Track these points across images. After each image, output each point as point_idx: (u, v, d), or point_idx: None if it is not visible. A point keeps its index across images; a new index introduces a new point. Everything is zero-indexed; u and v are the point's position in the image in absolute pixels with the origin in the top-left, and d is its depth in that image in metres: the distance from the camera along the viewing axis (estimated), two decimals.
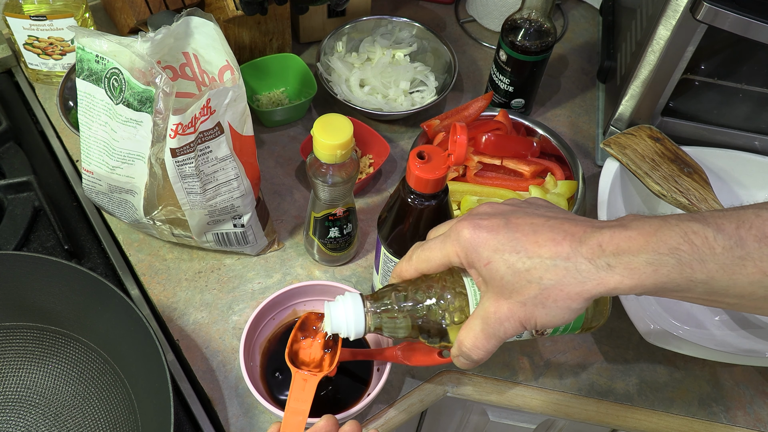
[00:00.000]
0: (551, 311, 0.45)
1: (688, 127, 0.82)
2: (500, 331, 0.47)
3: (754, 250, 0.42)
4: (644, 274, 0.42)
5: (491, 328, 0.47)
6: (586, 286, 0.43)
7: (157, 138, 0.61)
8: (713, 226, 0.42)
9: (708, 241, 0.42)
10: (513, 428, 0.82)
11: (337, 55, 0.94)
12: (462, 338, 0.49)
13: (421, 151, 0.56)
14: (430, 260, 0.50)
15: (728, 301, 0.44)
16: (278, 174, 0.86)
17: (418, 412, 0.70)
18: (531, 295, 0.45)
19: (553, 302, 0.44)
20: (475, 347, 0.48)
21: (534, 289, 0.44)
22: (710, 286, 0.42)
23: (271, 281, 0.76)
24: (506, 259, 0.45)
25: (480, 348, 0.48)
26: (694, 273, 0.42)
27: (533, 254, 0.45)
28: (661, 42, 0.73)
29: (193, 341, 0.71)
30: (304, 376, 0.57)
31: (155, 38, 0.60)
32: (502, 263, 0.45)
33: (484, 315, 0.47)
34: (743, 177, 0.80)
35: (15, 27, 0.86)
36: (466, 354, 0.49)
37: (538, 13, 0.82)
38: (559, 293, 0.44)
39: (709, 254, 0.42)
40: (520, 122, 0.86)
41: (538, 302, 0.45)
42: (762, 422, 0.70)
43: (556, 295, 0.44)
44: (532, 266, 0.44)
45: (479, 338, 0.48)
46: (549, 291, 0.44)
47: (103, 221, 0.80)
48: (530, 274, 0.44)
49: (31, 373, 0.68)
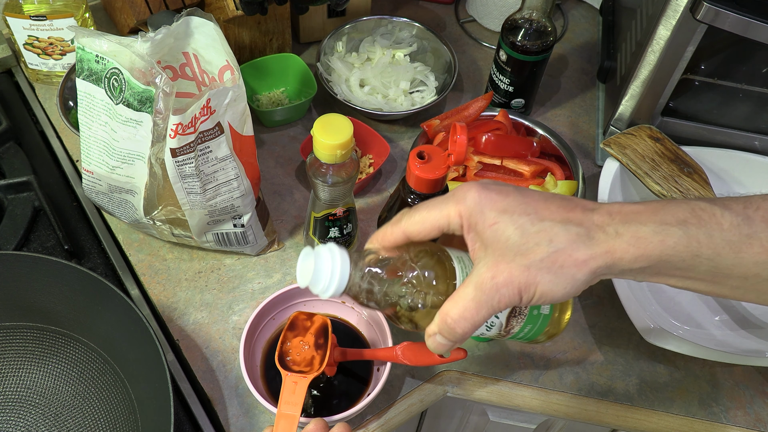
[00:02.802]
0: (556, 278, 0.42)
1: (688, 127, 0.82)
2: (494, 300, 0.44)
3: (761, 230, 0.41)
4: (651, 244, 0.42)
5: (485, 295, 0.44)
6: (595, 252, 0.42)
7: (157, 138, 0.61)
8: (720, 205, 0.42)
9: (715, 217, 0.42)
10: (513, 428, 0.82)
11: (337, 55, 0.94)
12: (448, 309, 0.45)
13: (421, 151, 0.56)
14: (424, 222, 0.47)
15: (731, 284, 0.43)
16: (278, 174, 0.86)
17: (418, 412, 0.70)
18: (537, 258, 0.42)
19: (559, 268, 0.42)
20: (462, 318, 0.45)
21: (542, 251, 0.42)
22: (715, 264, 0.42)
23: (271, 281, 0.76)
24: (515, 219, 0.43)
25: (467, 319, 0.44)
26: (700, 247, 0.41)
27: (545, 217, 0.43)
28: (661, 42, 0.73)
29: (193, 341, 0.71)
30: (294, 378, 0.57)
31: (155, 38, 0.60)
32: (510, 223, 0.43)
33: (479, 281, 0.44)
34: (743, 177, 0.80)
35: (15, 27, 0.86)
36: (449, 328, 0.45)
37: (538, 13, 0.82)
38: (567, 258, 0.42)
39: (716, 229, 0.41)
40: (520, 122, 0.86)
41: (544, 266, 0.42)
42: (762, 422, 0.70)
43: (563, 259, 0.42)
44: (543, 228, 0.43)
45: (469, 308, 0.44)
46: (557, 255, 0.42)
47: (103, 221, 0.80)
48: (539, 236, 0.43)
49: (31, 373, 0.68)
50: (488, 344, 0.73)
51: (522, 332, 0.56)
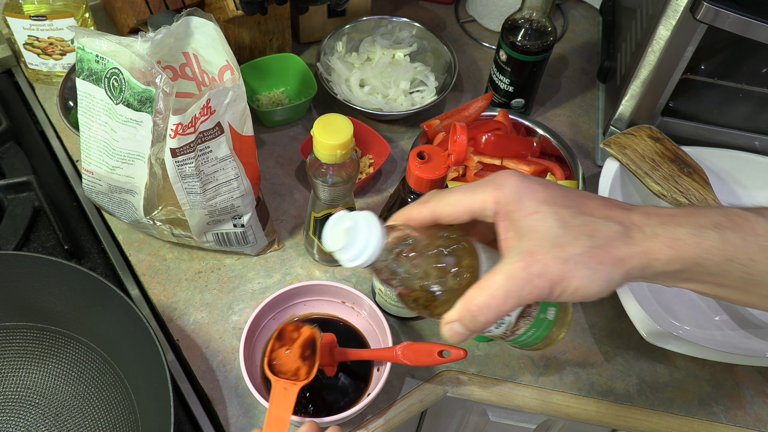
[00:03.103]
0: (593, 274, 0.41)
1: (688, 127, 0.82)
2: (525, 290, 0.42)
3: None
4: (687, 245, 0.41)
5: (516, 284, 0.42)
6: (633, 251, 0.41)
7: (157, 138, 0.61)
8: (754, 212, 0.42)
9: (750, 222, 0.42)
10: (513, 428, 0.82)
11: (337, 55, 0.94)
12: (472, 296, 0.43)
13: (421, 151, 0.56)
14: (455, 204, 0.45)
15: (762, 292, 0.43)
16: (278, 174, 0.86)
17: (418, 412, 0.70)
18: (576, 252, 0.41)
19: (598, 264, 0.41)
20: (486, 306, 0.43)
21: (582, 245, 0.41)
22: (748, 270, 0.42)
23: (271, 281, 0.76)
24: (556, 211, 0.42)
25: (492, 308, 0.43)
26: (735, 251, 0.41)
27: (585, 212, 0.43)
28: (661, 42, 0.73)
29: (193, 341, 0.71)
30: (284, 384, 0.57)
31: (155, 38, 0.60)
32: (550, 214, 0.42)
33: (511, 270, 0.42)
34: (743, 177, 0.80)
35: (15, 27, 0.86)
36: (471, 315, 0.44)
37: (538, 13, 0.82)
38: (605, 254, 0.41)
39: (750, 234, 0.41)
40: (520, 122, 0.86)
41: (583, 261, 0.41)
42: (762, 422, 0.70)
43: (602, 256, 0.41)
44: (584, 222, 0.42)
45: (496, 296, 0.42)
46: (597, 250, 0.41)
47: (103, 221, 0.80)
48: (580, 229, 0.42)
49: (31, 373, 0.68)
50: (488, 344, 0.73)
51: (525, 335, 0.54)
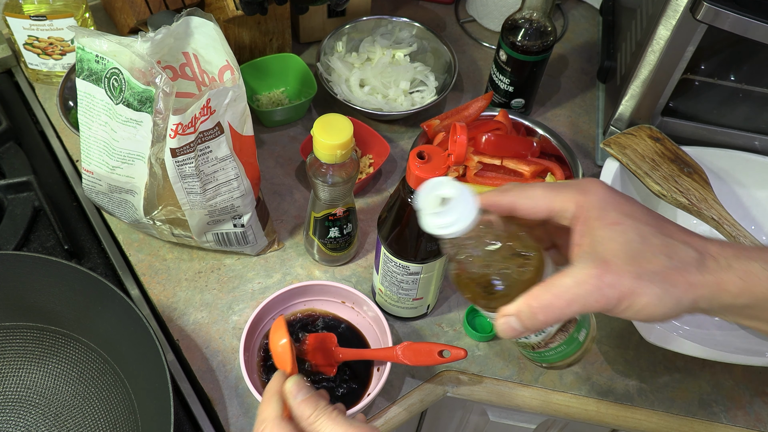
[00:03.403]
0: (664, 295, 0.42)
1: (688, 127, 0.82)
2: (591, 298, 0.42)
3: None
4: (758, 279, 0.42)
5: (584, 290, 0.42)
6: (706, 279, 0.42)
7: (157, 138, 0.61)
8: None
9: None
10: (513, 428, 0.82)
11: (337, 55, 0.94)
12: (537, 293, 0.44)
13: (421, 151, 0.56)
14: (537, 198, 0.45)
15: None
16: (278, 174, 0.86)
17: (418, 412, 0.70)
18: (653, 269, 0.42)
19: (670, 285, 0.42)
20: (549, 306, 0.43)
21: (659, 264, 0.42)
22: None
23: (271, 281, 0.76)
24: (639, 226, 0.43)
25: (555, 309, 0.43)
26: None
27: (666, 233, 0.43)
28: (661, 42, 0.73)
29: (193, 341, 0.71)
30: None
31: (155, 38, 0.60)
32: (632, 229, 0.43)
33: (581, 275, 0.42)
34: (743, 177, 0.80)
35: (15, 27, 0.86)
36: (531, 312, 0.43)
37: (538, 13, 0.82)
38: (679, 278, 0.42)
39: None
40: (520, 122, 0.86)
41: (657, 280, 0.42)
42: (762, 422, 0.70)
43: (676, 278, 0.42)
44: (665, 243, 0.43)
45: (561, 298, 0.42)
46: (673, 272, 0.42)
47: (103, 221, 0.80)
48: (660, 248, 0.42)
49: (31, 373, 0.68)
50: (488, 344, 0.73)
51: (555, 350, 0.55)
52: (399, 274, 0.66)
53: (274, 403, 0.48)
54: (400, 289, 0.68)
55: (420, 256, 0.63)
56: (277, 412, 0.47)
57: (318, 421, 0.46)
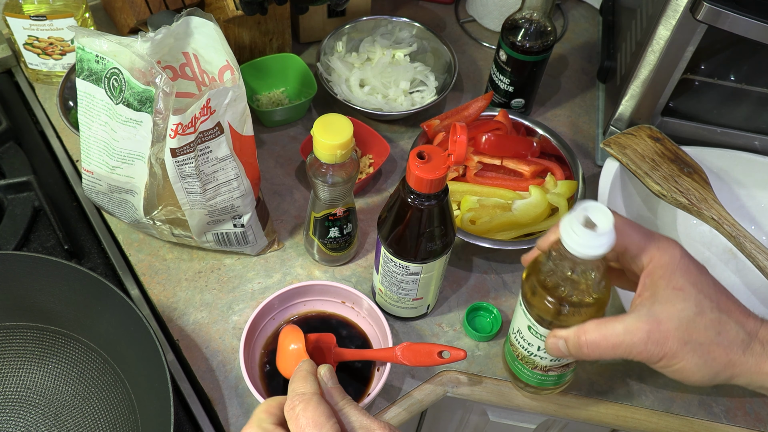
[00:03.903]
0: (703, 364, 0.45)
1: (688, 127, 0.82)
2: (635, 349, 0.45)
3: None
4: None
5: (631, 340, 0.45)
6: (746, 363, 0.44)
7: (157, 138, 0.61)
8: None
9: None
10: (513, 428, 0.82)
11: (337, 55, 0.94)
12: (588, 328, 0.47)
13: (421, 151, 0.56)
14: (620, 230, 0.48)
15: None
16: (278, 174, 0.86)
17: (418, 412, 0.70)
18: (700, 340, 0.44)
19: (712, 359, 0.45)
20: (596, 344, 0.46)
21: (706, 337, 0.44)
22: None
23: (271, 281, 0.76)
24: (699, 298, 0.45)
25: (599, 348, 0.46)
26: None
27: (723, 309, 0.45)
28: (661, 42, 0.73)
29: (193, 341, 0.71)
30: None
31: (155, 38, 0.60)
32: (692, 297, 0.45)
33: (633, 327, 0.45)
34: (743, 177, 0.80)
35: (15, 27, 0.86)
36: (577, 343, 0.47)
37: (538, 13, 0.82)
38: (722, 354, 0.44)
39: None
40: (520, 122, 0.86)
41: (701, 350, 0.45)
42: (762, 422, 0.70)
43: (718, 354, 0.44)
44: (718, 318, 0.45)
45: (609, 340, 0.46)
46: (717, 347, 0.44)
47: (103, 221, 0.80)
48: (712, 323, 0.45)
49: (31, 373, 0.68)
50: (488, 344, 0.73)
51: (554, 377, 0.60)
52: (399, 274, 0.66)
53: (311, 381, 0.50)
54: (400, 289, 0.68)
55: (420, 256, 0.63)
56: (315, 388, 0.49)
57: (346, 408, 0.48)
